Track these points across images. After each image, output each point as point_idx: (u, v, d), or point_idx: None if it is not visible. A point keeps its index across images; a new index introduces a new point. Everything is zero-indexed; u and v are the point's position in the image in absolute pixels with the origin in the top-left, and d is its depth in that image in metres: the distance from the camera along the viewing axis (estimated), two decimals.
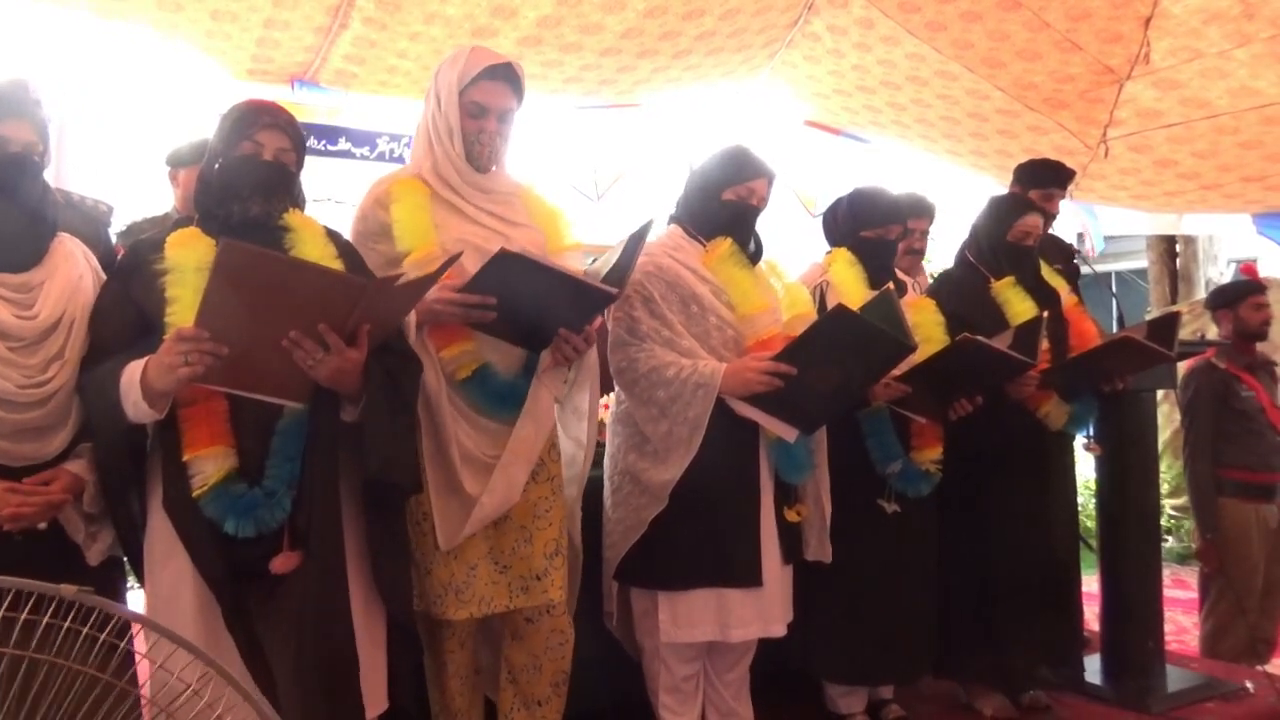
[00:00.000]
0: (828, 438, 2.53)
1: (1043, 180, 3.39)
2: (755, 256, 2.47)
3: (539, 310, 2.02)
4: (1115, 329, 3.45)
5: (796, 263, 2.86)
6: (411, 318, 2.00)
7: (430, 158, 2.14)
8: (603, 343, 2.36)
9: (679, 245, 2.42)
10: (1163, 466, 5.42)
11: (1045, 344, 2.78)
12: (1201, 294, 6.62)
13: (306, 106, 3.84)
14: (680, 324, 2.33)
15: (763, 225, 2.50)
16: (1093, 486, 3.38)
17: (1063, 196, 3.47)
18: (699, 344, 2.34)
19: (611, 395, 2.52)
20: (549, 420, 2.19)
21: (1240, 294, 3.84)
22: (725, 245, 2.37)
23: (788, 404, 2.27)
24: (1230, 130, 4.31)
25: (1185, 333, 5.39)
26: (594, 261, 2.48)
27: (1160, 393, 4.56)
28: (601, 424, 2.58)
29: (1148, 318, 3.70)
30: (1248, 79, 3.92)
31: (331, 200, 3.77)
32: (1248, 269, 4.38)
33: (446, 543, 2.06)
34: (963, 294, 2.93)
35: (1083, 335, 3.01)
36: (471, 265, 2.02)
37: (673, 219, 2.51)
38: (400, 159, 4.14)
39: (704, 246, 2.41)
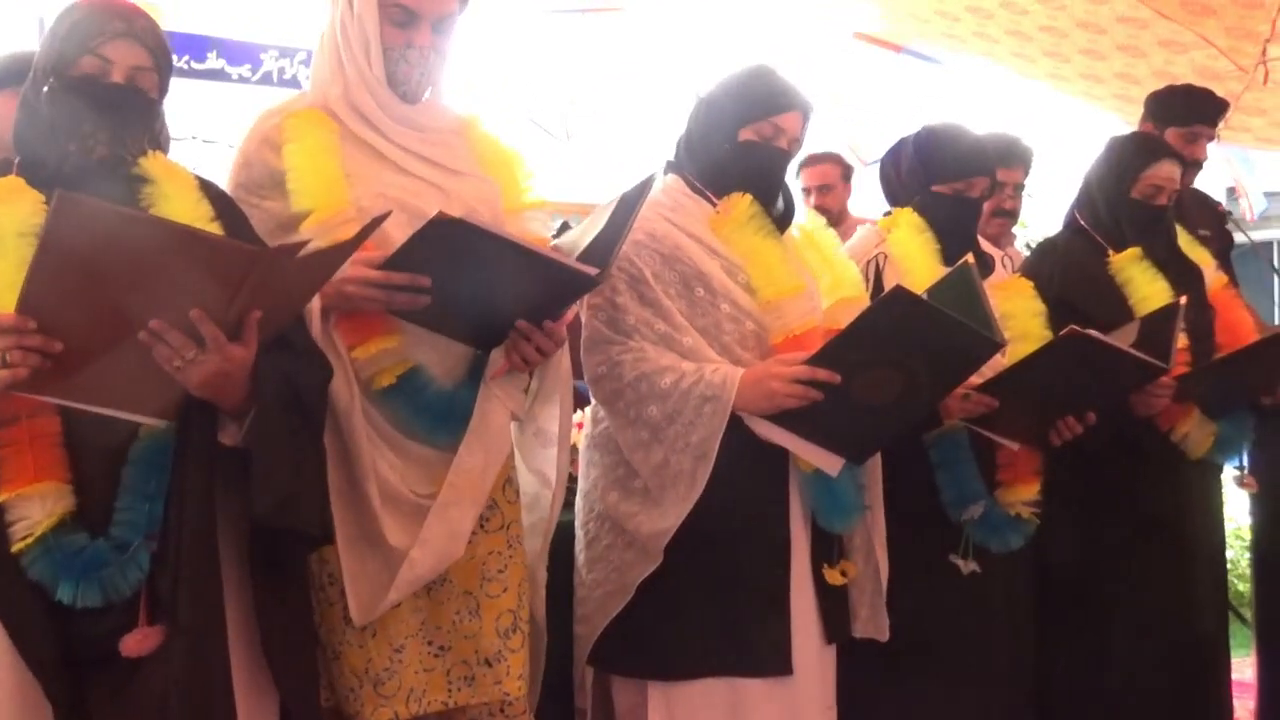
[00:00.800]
0: (883, 470, 2.55)
1: (1183, 115, 3.43)
2: (785, 220, 2.49)
3: (490, 295, 2.03)
4: (1277, 319, 3.51)
5: (842, 229, 2.91)
6: (315, 304, 2.01)
7: (339, 81, 2.15)
8: (576, 340, 2.39)
9: (679, 204, 2.45)
10: None
11: (1183, 340, 2.82)
12: None
13: (165, 9, 3.84)
14: (681, 313, 2.35)
15: (795, 177, 2.54)
16: (1246, 536, 3.44)
17: (1211, 138, 3.53)
18: (706, 341, 2.36)
19: (587, 412, 2.53)
20: (503, 446, 2.20)
21: None
22: (743, 205, 2.40)
23: (828, 423, 2.29)
24: None
25: None
26: (561, 228, 2.51)
27: None
28: (574, 451, 2.61)
29: None
30: None
31: (198, 139, 3.78)
32: None
33: (362, 615, 2.06)
34: (1071, 272, 2.99)
35: (1234, 328, 3.08)
36: (398, 232, 2.02)
37: (670, 168, 2.53)
38: (294, 83, 4.14)
39: (714, 206, 2.44)
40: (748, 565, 2.36)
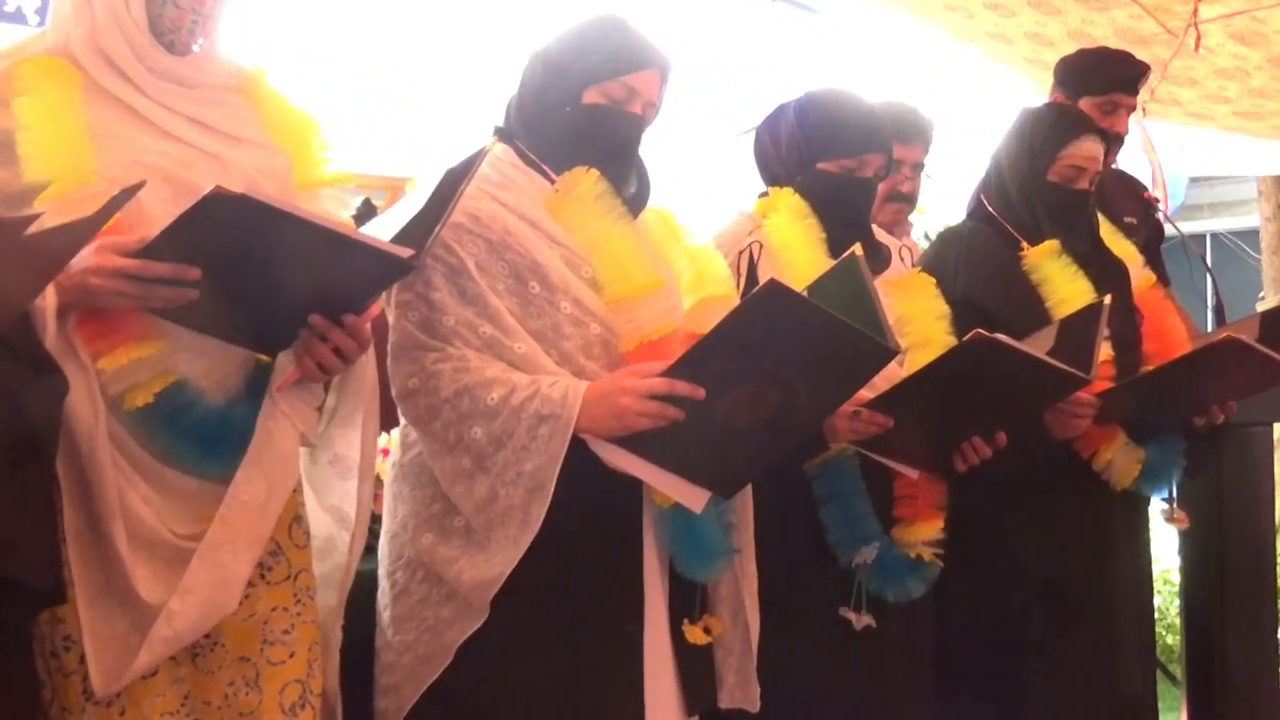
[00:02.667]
0: (755, 505, 2.57)
1: (1098, 81, 3.55)
2: (639, 201, 2.52)
3: (277, 286, 2.01)
4: (1211, 325, 3.66)
5: (707, 212, 2.96)
6: (49, 300, 1.97)
7: (84, 19, 2.11)
8: (383, 344, 2.38)
9: (510, 180, 2.46)
10: None
11: (1107, 351, 2.90)
12: None
13: None
14: (512, 313, 2.35)
15: (650, 149, 2.57)
16: (1175, 582, 3.57)
17: (1131, 109, 3.66)
18: (543, 347, 2.36)
19: (395, 435, 2.53)
20: (289, 476, 2.18)
21: None
22: (587, 181, 2.42)
23: (690, 449, 2.30)
24: None
25: None
26: (364, 207, 2.48)
27: (1279, 429, 4.83)
28: (379, 484, 2.59)
29: (1260, 307, 3.93)
30: None
31: None
32: None
33: (106, 684, 2.01)
34: (978, 267, 3.07)
35: (1165, 336, 3.18)
36: (160, 210, 2.00)
37: (500, 136, 2.54)
38: (21, 18, 4.01)
39: (552, 183, 2.45)
40: (593, 621, 2.36)
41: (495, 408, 2.28)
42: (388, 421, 2.49)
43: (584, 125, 2.44)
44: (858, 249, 2.67)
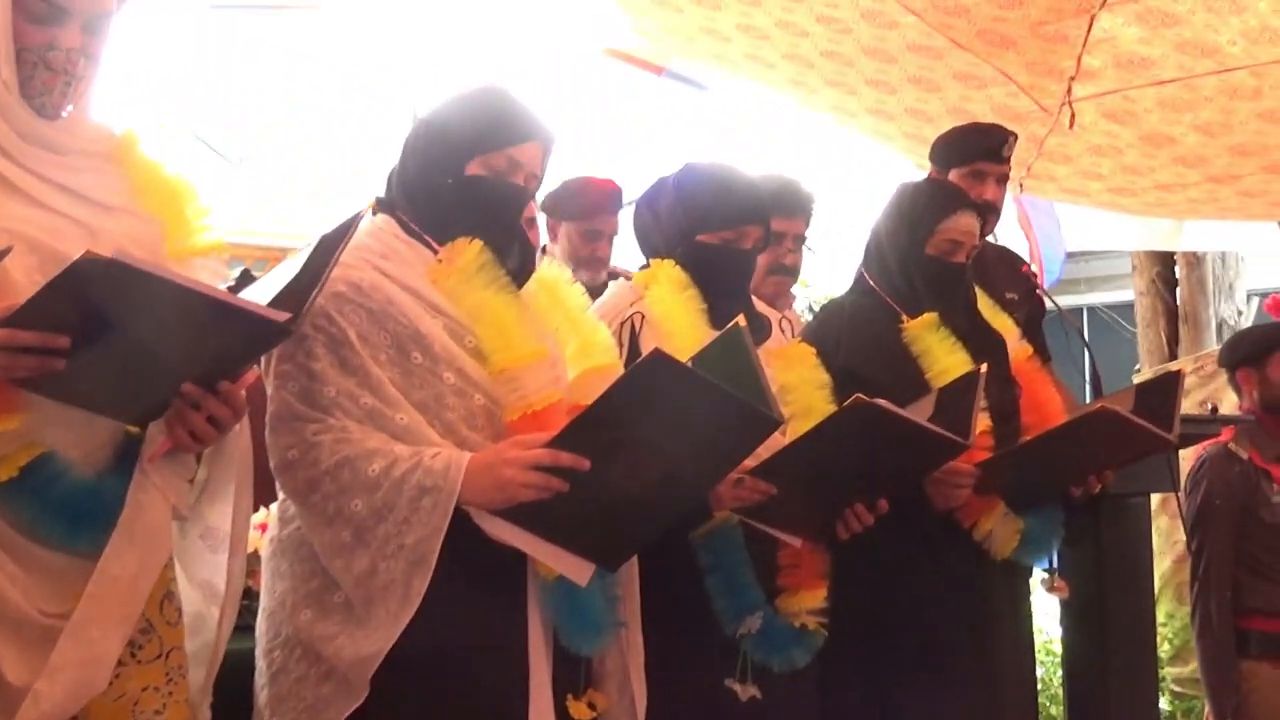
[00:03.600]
0: (641, 576, 2.58)
1: (962, 152, 3.60)
2: (522, 272, 2.53)
3: (149, 354, 1.99)
4: (1088, 397, 3.75)
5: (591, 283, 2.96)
6: None
7: None
8: (258, 414, 2.37)
9: (392, 250, 2.46)
10: (1160, 615, 5.66)
11: (985, 422, 2.98)
12: (1213, 343, 7.24)
13: None
14: (394, 384, 2.35)
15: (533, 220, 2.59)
16: (1057, 651, 3.63)
17: (1001, 177, 3.75)
18: (426, 419, 2.37)
19: (273, 509, 2.51)
20: (161, 550, 2.15)
21: (1269, 345, 4.20)
22: (471, 252, 2.43)
23: (575, 521, 2.31)
24: (1249, 93, 4.60)
25: (1189, 403, 5.85)
26: (242, 277, 2.46)
27: (1157, 499, 4.93)
28: (254, 560, 2.57)
29: (1136, 379, 4.03)
30: (1269, 14, 4.35)
31: None
32: (1277, 304, 4.85)
33: None
34: (859, 339, 3.12)
35: (1042, 407, 3.23)
36: (27, 278, 1.98)
37: (382, 206, 2.55)
38: None
39: (435, 254, 2.47)
40: (475, 696, 2.35)
41: (376, 479, 2.27)
42: (266, 496, 2.49)
43: (467, 197, 2.45)
44: (741, 320, 2.70)
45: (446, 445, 2.34)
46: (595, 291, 2.99)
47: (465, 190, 2.45)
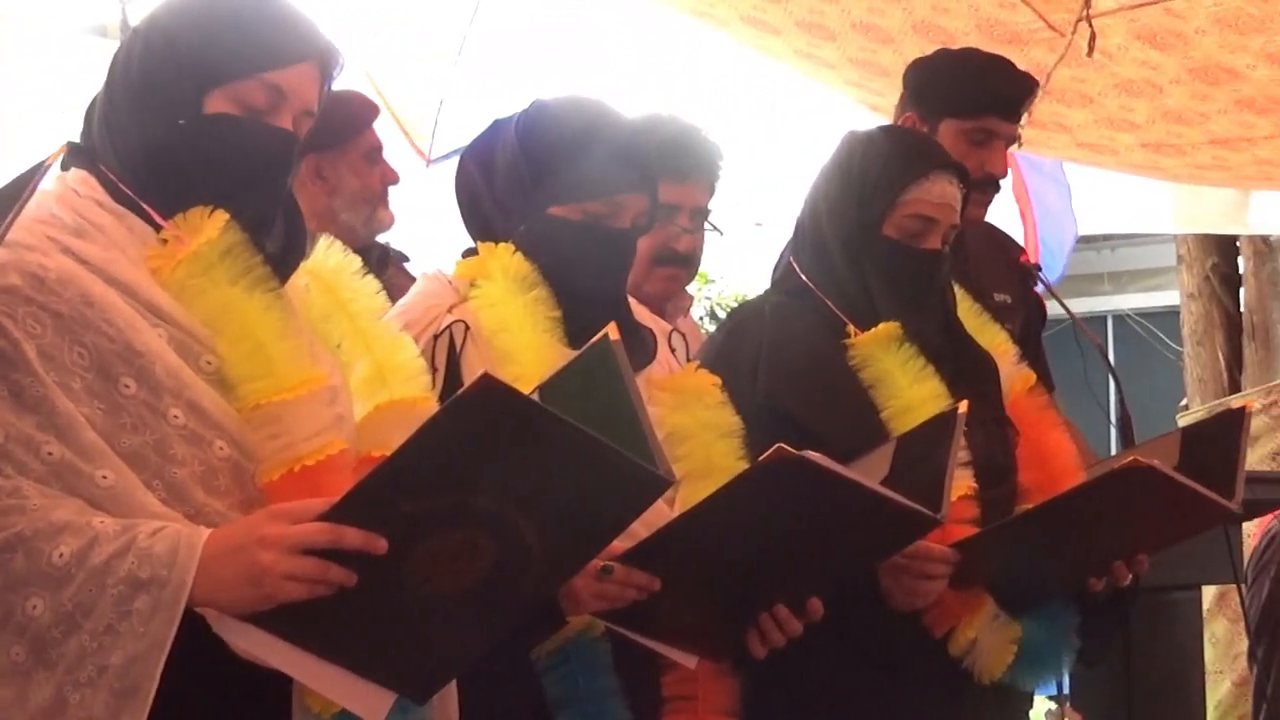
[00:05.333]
0: (463, 713, 2.54)
1: (970, 98, 3.59)
2: (287, 258, 2.45)
3: None
4: (1113, 447, 3.79)
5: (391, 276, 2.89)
6: None
7: None
8: None
9: (91, 224, 2.39)
10: None
11: (966, 480, 2.95)
12: None
13: None
14: (94, 425, 2.26)
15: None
16: None
17: (1012, 140, 3.76)
18: (142, 476, 2.27)
19: None
20: None
21: None
22: (210, 229, 2.34)
23: (367, 631, 2.24)
24: None
25: (1258, 455, 5.95)
26: None
27: (1211, 593, 5.00)
28: None
29: (1183, 421, 4.08)
30: None
31: None
32: None
33: None
34: (785, 360, 3.05)
35: (1048, 460, 3.19)
36: None
37: (78, 156, 2.47)
38: None
39: (157, 230, 2.38)
40: None
41: (65, 569, 2.18)
42: None
43: (205, 145, 2.38)
44: (611, 331, 2.57)
45: (173, 517, 2.23)
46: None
47: (202, 136, 2.37)
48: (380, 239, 4.44)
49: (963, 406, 2.81)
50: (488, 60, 5.75)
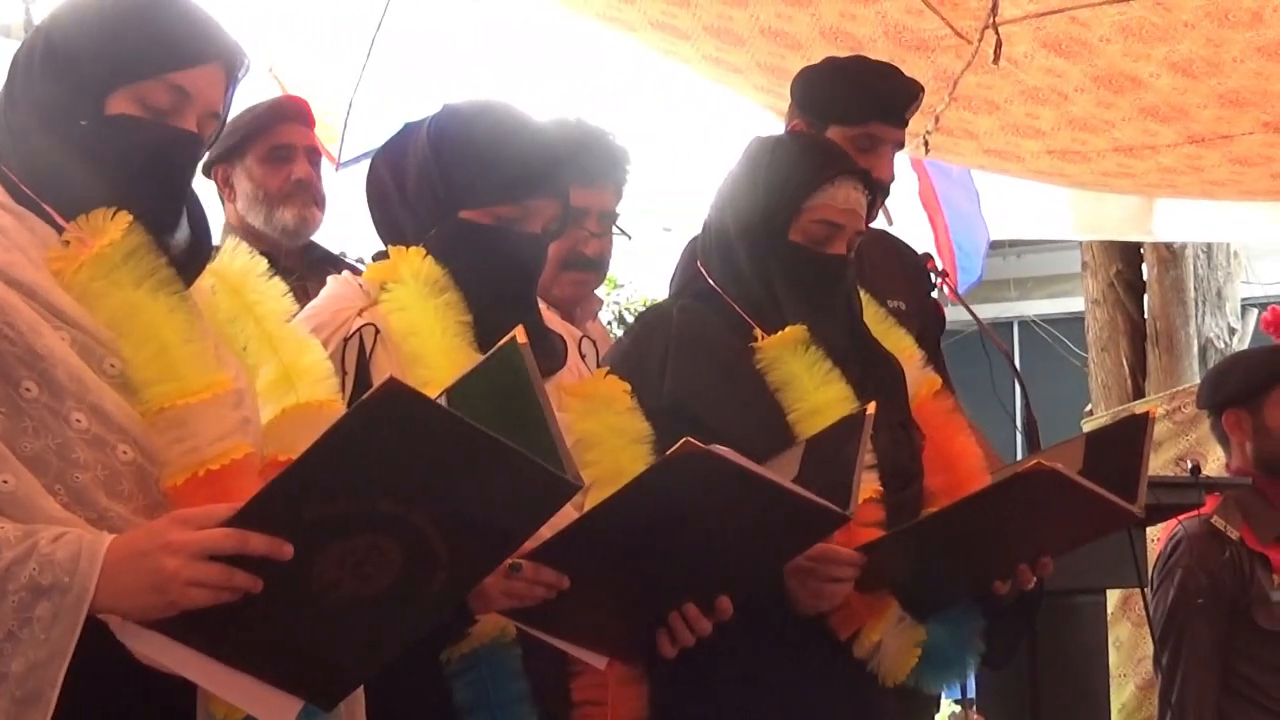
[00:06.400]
0: (372, 716, 2.51)
1: (854, 106, 3.59)
2: (192, 259, 2.46)
3: None
4: (1019, 451, 3.82)
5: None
6: None
7: None
8: None
9: None
10: None
11: (873, 483, 2.96)
12: (1195, 374, 7.46)
13: None
14: None
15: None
16: None
17: (899, 145, 3.78)
18: (42, 481, 2.29)
19: None
20: None
21: (1269, 378, 4.32)
22: (114, 230, 2.35)
23: (270, 637, 2.25)
24: (1246, 18, 4.62)
25: (1161, 460, 6.00)
26: None
27: (1116, 597, 5.03)
28: None
29: (1087, 426, 4.12)
30: None
31: None
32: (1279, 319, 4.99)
33: None
34: (691, 363, 3.08)
35: (954, 463, 3.23)
36: None
37: None
38: None
39: (59, 231, 2.39)
40: None
41: None
42: None
43: (108, 146, 2.37)
44: (519, 334, 2.57)
45: (75, 522, 2.24)
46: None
47: (104, 137, 2.37)
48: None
49: (871, 408, 2.81)
50: (397, 63, 5.69)
